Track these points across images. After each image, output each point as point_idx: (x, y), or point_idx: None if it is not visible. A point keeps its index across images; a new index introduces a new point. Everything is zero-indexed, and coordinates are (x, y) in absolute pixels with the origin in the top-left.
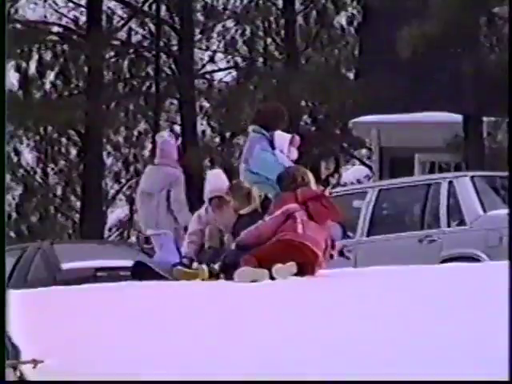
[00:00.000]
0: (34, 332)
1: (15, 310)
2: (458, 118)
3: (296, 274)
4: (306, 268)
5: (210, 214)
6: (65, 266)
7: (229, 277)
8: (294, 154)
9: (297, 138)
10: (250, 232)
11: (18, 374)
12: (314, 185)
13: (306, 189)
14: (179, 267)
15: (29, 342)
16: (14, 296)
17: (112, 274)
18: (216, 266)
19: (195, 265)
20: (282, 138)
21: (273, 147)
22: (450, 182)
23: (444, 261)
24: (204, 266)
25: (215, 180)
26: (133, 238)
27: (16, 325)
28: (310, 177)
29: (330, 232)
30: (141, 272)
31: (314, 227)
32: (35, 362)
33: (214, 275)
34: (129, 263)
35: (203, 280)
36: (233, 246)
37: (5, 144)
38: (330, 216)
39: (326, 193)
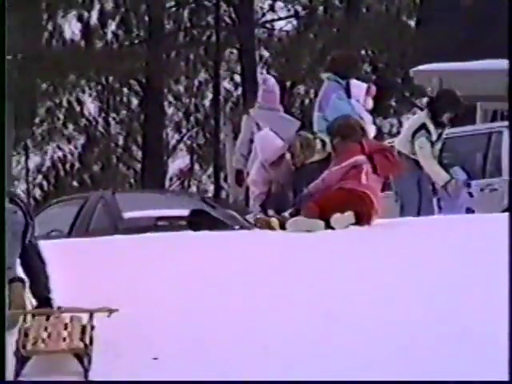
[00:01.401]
0: (95, 281)
1: (77, 258)
2: None
3: (353, 224)
4: (363, 217)
5: (270, 173)
6: (126, 215)
7: None
8: (370, 104)
9: (373, 87)
10: (317, 184)
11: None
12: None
13: (373, 140)
14: (262, 216)
15: (89, 290)
16: (76, 244)
17: (173, 224)
18: (287, 214)
19: (270, 212)
20: (358, 87)
21: (348, 96)
22: (500, 133)
23: (505, 210)
24: (274, 219)
25: (269, 143)
26: (193, 188)
27: (77, 273)
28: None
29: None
30: (197, 221)
31: (375, 179)
32: (110, 311)
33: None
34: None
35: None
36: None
37: (5, 144)
38: (394, 170)
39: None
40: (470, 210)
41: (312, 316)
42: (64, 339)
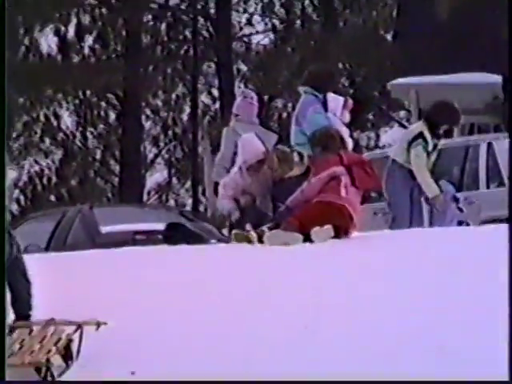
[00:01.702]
0: (72, 295)
1: (55, 273)
2: (498, 79)
3: (332, 237)
4: (341, 230)
5: (246, 179)
6: (104, 229)
7: None
8: (347, 117)
9: (350, 101)
10: (296, 197)
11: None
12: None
13: (351, 153)
14: (238, 231)
15: (67, 304)
16: (53, 259)
17: (151, 238)
18: (265, 228)
19: (248, 226)
20: (335, 100)
21: (325, 109)
22: (489, 144)
23: (483, 223)
24: (253, 232)
25: (251, 145)
26: (172, 202)
27: (56, 288)
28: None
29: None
30: (174, 235)
31: (354, 192)
32: (99, 324)
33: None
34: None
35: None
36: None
37: (5, 144)
38: (372, 184)
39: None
40: (462, 223)
41: (289, 328)
42: (32, 352)
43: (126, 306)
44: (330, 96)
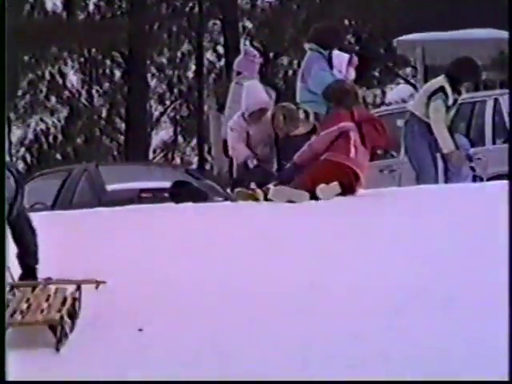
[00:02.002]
0: (78, 253)
1: (61, 230)
2: (504, 34)
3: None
4: (347, 189)
5: (249, 124)
6: (110, 187)
7: None
8: (352, 74)
9: (355, 58)
10: (304, 152)
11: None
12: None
13: (363, 109)
14: (241, 189)
15: (73, 262)
16: (60, 216)
17: (156, 196)
18: (271, 186)
19: (252, 185)
20: (340, 57)
21: (331, 66)
22: (496, 100)
23: (490, 179)
24: (258, 190)
25: (255, 92)
26: (177, 160)
27: (62, 246)
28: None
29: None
30: (179, 193)
31: (362, 151)
32: (97, 283)
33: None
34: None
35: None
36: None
37: (5, 143)
38: (381, 142)
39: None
40: (477, 178)
41: (297, 286)
42: (42, 311)
43: (132, 263)
44: (335, 53)
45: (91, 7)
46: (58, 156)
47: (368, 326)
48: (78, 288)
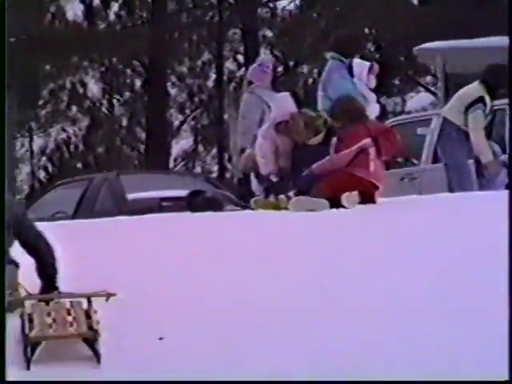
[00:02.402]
0: (99, 262)
1: (82, 239)
2: None
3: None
4: (367, 199)
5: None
6: (131, 196)
7: None
8: (373, 82)
9: (376, 66)
10: (324, 165)
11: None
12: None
13: (376, 122)
14: (258, 197)
15: (93, 272)
16: (81, 225)
17: (177, 204)
18: (291, 194)
19: (271, 197)
20: (360, 65)
21: (351, 75)
22: (504, 110)
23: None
24: (282, 196)
25: (286, 103)
26: (198, 169)
27: (82, 254)
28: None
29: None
30: (196, 202)
31: (379, 165)
32: (108, 295)
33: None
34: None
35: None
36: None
37: (5, 143)
38: (396, 152)
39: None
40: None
41: (310, 293)
42: (70, 324)
43: (153, 272)
44: (356, 61)
45: (112, 17)
46: (79, 165)
47: (379, 333)
48: (89, 301)
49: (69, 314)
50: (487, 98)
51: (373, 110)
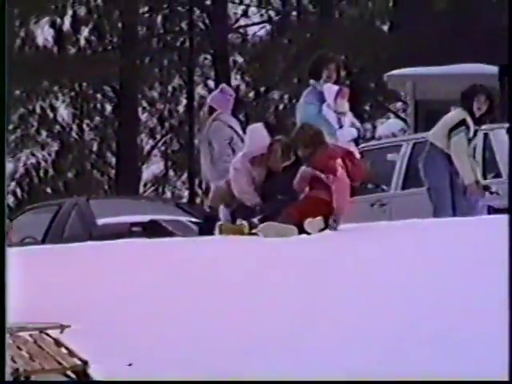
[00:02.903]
0: (70, 289)
1: (51, 265)
2: (494, 69)
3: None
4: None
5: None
6: (100, 221)
7: None
8: (343, 107)
9: (344, 89)
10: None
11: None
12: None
13: (338, 146)
14: (225, 222)
15: (62, 297)
16: (50, 251)
17: (147, 230)
18: (256, 220)
19: (238, 221)
20: (329, 89)
21: (324, 99)
22: (486, 135)
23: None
24: (245, 222)
25: (260, 136)
26: (168, 194)
27: (51, 280)
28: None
29: None
30: (152, 230)
31: (347, 187)
32: (62, 327)
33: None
34: (165, 218)
35: (243, 234)
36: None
37: (5, 142)
38: (360, 175)
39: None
40: (491, 210)
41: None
42: (52, 356)
43: (124, 298)
44: (326, 86)
45: (82, 42)
46: (49, 190)
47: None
48: (41, 333)
49: (39, 347)
50: (469, 122)
51: (344, 134)
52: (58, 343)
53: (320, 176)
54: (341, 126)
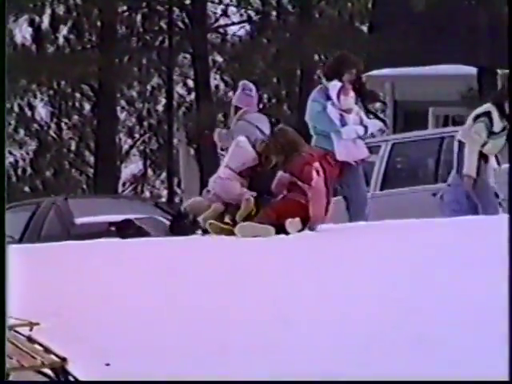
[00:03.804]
0: (45, 288)
1: (28, 264)
2: (473, 70)
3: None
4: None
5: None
6: (79, 220)
7: None
8: (347, 103)
9: (346, 86)
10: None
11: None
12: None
13: (318, 150)
14: (214, 221)
15: (40, 297)
16: (26, 251)
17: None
18: (227, 219)
19: (226, 218)
20: (333, 87)
21: (329, 97)
22: None
23: None
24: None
25: (248, 149)
26: (147, 193)
27: (29, 280)
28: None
29: None
30: (126, 229)
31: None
32: (31, 325)
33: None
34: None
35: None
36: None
37: (5, 143)
38: (338, 176)
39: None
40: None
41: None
42: (26, 353)
43: (101, 297)
44: (331, 84)
45: (61, 40)
46: (27, 189)
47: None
48: (10, 330)
49: (13, 344)
50: (495, 115)
51: (348, 132)
52: (31, 340)
53: (297, 182)
54: (344, 124)
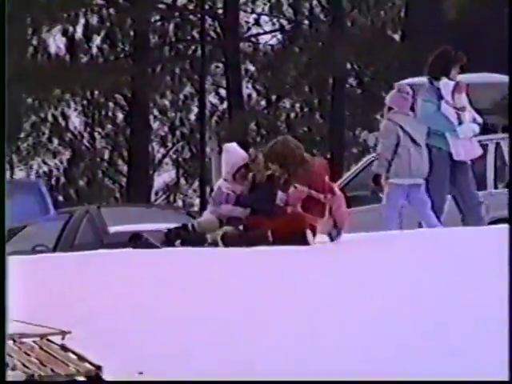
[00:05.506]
0: (80, 296)
1: (62, 272)
2: (506, 78)
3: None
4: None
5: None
6: (112, 229)
7: None
8: (461, 102)
9: (461, 84)
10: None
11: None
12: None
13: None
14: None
15: (73, 305)
16: (61, 259)
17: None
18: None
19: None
20: (445, 86)
21: (441, 97)
22: (498, 144)
23: (491, 223)
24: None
25: (236, 151)
26: (179, 202)
27: (63, 288)
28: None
29: None
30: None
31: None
32: (63, 333)
33: None
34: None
35: None
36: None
37: (5, 143)
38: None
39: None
40: None
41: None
42: (63, 362)
43: (133, 306)
44: (441, 82)
45: (94, 50)
46: (61, 198)
47: (374, 333)
48: (42, 339)
49: (46, 352)
50: None
51: (465, 131)
52: (64, 349)
53: (318, 196)
54: (460, 123)
